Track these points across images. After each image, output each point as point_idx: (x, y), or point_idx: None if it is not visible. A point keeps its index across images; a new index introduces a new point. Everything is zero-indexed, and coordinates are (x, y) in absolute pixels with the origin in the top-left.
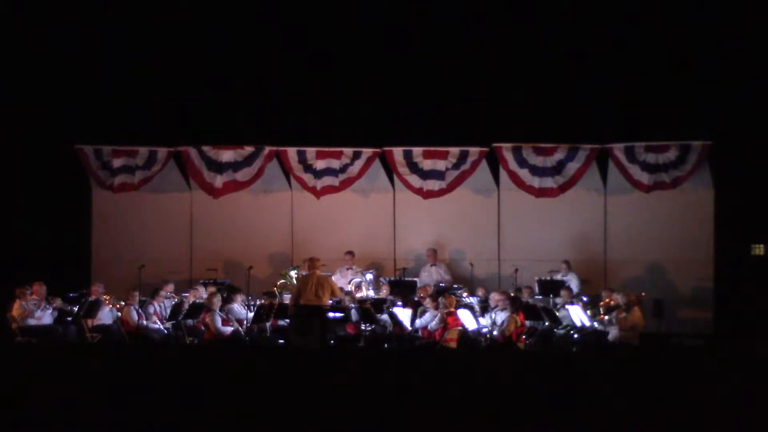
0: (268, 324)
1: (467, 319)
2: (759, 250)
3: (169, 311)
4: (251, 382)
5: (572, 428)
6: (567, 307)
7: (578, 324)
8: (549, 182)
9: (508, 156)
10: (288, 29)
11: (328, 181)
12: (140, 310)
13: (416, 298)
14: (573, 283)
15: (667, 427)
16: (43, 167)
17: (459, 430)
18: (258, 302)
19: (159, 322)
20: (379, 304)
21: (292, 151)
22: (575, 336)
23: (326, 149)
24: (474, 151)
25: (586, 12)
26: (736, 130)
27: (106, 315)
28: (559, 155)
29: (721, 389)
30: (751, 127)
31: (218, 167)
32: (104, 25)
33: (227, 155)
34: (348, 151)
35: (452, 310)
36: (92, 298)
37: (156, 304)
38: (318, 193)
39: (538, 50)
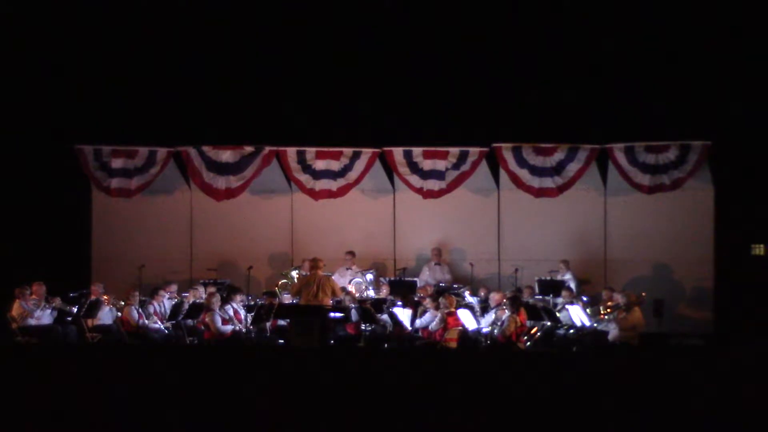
0: (268, 324)
1: (467, 319)
2: (759, 250)
3: (169, 311)
4: (250, 381)
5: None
6: (567, 307)
7: (578, 324)
8: (548, 182)
9: (508, 156)
10: (288, 29)
11: (325, 184)
12: (140, 310)
13: (416, 298)
14: (571, 282)
15: (666, 427)
16: (43, 167)
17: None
18: (258, 302)
19: (159, 322)
20: (379, 304)
21: (291, 152)
22: (575, 336)
23: (326, 149)
24: (474, 151)
25: (587, 12)
26: (736, 130)
27: (106, 315)
28: (559, 155)
29: (720, 389)
30: (751, 127)
31: (218, 168)
32: (104, 25)
33: (227, 155)
34: (348, 151)
35: (452, 310)
36: (92, 298)
37: (156, 304)
38: (316, 195)
39: (538, 50)
